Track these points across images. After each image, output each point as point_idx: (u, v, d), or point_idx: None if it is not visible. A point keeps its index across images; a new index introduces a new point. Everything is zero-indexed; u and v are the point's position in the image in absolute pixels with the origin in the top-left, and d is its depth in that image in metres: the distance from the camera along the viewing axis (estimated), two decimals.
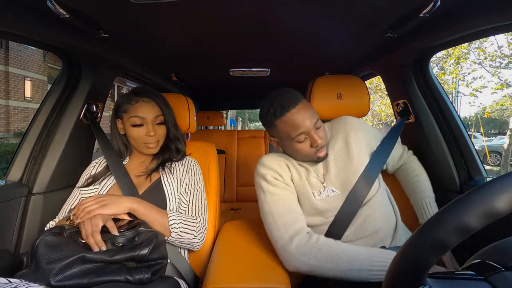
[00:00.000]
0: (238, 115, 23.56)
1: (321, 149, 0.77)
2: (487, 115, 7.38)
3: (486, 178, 0.95)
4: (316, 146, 0.75)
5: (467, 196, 0.31)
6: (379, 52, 1.08)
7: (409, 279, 0.33)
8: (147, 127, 0.87)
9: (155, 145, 0.89)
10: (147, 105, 0.87)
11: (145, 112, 0.86)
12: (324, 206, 0.78)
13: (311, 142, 0.76)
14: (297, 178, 0.81)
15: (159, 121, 0.89)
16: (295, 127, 0.74)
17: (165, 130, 0.93)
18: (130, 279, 0.63)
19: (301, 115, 0.73)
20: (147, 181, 0.88)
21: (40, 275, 0.59)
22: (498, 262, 0.37)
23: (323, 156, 0.79)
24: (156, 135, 0.88)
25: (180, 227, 0.79)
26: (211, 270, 0.70)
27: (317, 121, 0.76)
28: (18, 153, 0.94)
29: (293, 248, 0.69)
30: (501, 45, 12.53)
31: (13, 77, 7.22)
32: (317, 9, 0.75)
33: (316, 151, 0.77)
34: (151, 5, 0.70)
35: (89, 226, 0.66)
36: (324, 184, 0.81)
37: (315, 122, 0.75)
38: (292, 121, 0.74)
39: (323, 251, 0.67)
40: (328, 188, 0.80)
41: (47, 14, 0.71)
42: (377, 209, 0.78)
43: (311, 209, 0.79)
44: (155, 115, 0.88)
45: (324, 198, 0.79)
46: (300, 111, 0.74)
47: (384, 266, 0.60)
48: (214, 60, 1.28)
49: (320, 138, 0.75)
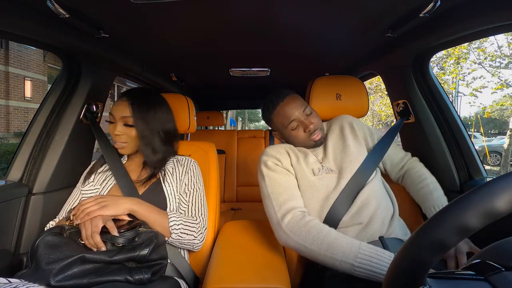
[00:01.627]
0: (238, 115, 23.55)
1: (314, 132, 0.86)
2: (487, 115, 7.38)
3: (486, 178, 0.95)
4: (308, 131, 0.86)
5: (467, 196, 0.31)
6: (379, 52, 1.08)
7: (409, 279, 0.33)
8: (114, 125, 0.87)
9: (122, 145, 0.87)
10: (120, 105, 0.86)
11: (116, 111, 0.86)
12: (321, 183, 0.82)
13: (304, 128, 0.86)
14: (295, 161, 0.87)
15: (126, 122, 0.86)
16: (285, 116, 0.87)
17: (135, 133, 0.87)
18: (130, 279, 0.63)
19: (289, 106, 0.86)
20: (147, 182, 0.88)
21: (40, 275, 0.59)
22: (498, 262, 0.37)
23: (319, 139, 0.87)
24: (122, 135, 0.86)
25: (181, 228, 0.79)
26: (211, 270, 0.70)
27: (306, 108, 0.87)
28: (18, 153, 0.94)
29: (284, 225, 0.71)
30: (501, 45, 12.54)
31: (13, 77, 7.22)
32: (317, 9, 0.75)
33: (309, 135, 0.87)
34: (151, 5, 0.70)
35: (89, 226, 0.66)
36: (322, 164, 0.87)
37: (304, 109, 0.86)
38: (283, 112, 0.87)
39: (312, 234, 0.67)
40: (326, 167, 0.86)
41: (47, 14, 0.71)
42: (374, 197, 0.80)
43: (308, 188, 0.82)
44: (123, 115, 0.85)
45: (321, 175, 0.84)
46: (287, 103, 0.87)
47: (368, 265, 0.59)
48: (214, 60, 1.28)
49: (311, 123, 0.86)
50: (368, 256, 0.60)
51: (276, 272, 0.69)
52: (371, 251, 0.61)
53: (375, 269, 0.58)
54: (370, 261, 0.59)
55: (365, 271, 0.59)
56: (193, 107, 1.12)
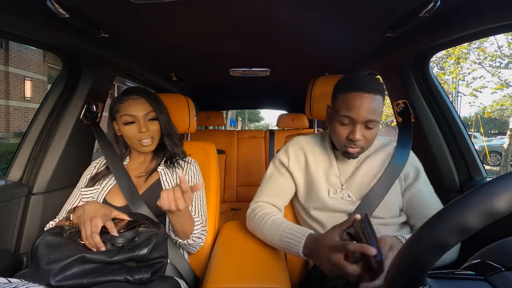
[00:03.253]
0: (238, 115, 23.55)
1: (354, 145, 0.73)
2: (487, 115, 7.38)
3: (486, 178, 0.95)
4: (350, 139, 0.73)
5: (467, 196, 0.31)
6: (379, 52, 1.08)
7: (409, 279, 0.33)
8: (138, 124, 0.86)
9: (149, 142, 0.88)
10: (136, 103, 0.87)
11: (135, 109, 0.86)
12: (334, 205, 0.79)
13: (350, 132, 0.73)
14: (314, 168, 0.84)
15: (150, 117, 0.89)
16: (348, 107, 0.71)
17: (159, 126, 0.91)
18: (130, 279, 0.63)
19: (363, 102, 0.70)
20: (147, 182, 0.88)
21: (40, 275, 0.59)
22: (498, 262, 0.37)
23: (352, 153, 0.75)
24: (149, 131, 0.87)
25: (197, 233, 0.81)
26: (211, 270, 0.70)
27: (374, 121, 0.71)
28: (18, 153, 0.93)
29: (248, 212, 0.87)
30: (501, 45, 12.53)
31: (13, 77, 7.21)
32: (317, 9, 0.75)
33: (347, 143, 0.74)
34: (151, 5, 0.70)
35: (88, 227, 0.66)
36: (343, 186, 0.81)
37: (371, 119, 0.70)
38: (351, 101, 0.71)
39: (258, 220, 0.81)
40: (346, 191, 0.80)
41: (47, 14, 0.71)
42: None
43: (318, 203, 0.81)
44: (146, 112, 0.87)
45: (337, 199, 0.80)
46: (365, 99, 0.70)
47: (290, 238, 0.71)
48: (214, 60, 1.28)
49: (360, 136, 0.72)
50: (291, 232, 0.72)
51: (276, 272, 0.69)
52: (293, 228, 0.73)
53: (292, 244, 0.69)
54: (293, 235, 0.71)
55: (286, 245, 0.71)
56: (193, 107, 1.12)
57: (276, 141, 2.28)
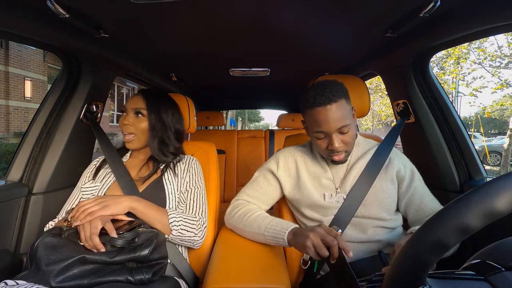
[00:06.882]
0: (238, 115, 23.55)
1: (337, 152, 0.76)
2: (487, 115, 7.39)
3: (486, 178, 0.95)
4: (331, 149, 0.75)
5: (467, 196, 0.31)
6: (379, 52, 1.08)
7: (409, 279, 0.33)
8: (125, 116, 0.90)
9: (131, 137, 0.89)
10: (134, 99, 0.92)
11: (129, 103, 0.91)
12: (329, 204, 0.82)
13: (328, 143, 0.75)
14: (305, 174, 0.86)
15: (137, 111, 0.90)
16: (317, 123, 0.74)
17: (146, 125, 0.89)
18: (131, 280, 0.63)
19: (328, 115, 0.71)
20: (148, 180, 0.88)
21: (40, 277, 0.58)
22: (498, 262, 0.37)
23: (339, 160, 0.77)
24: (132, 126, 0.89)
25: (181, 225, 0.79)
26: (211, 270, 0.70)
27: (345, 126, 0.73)
28: (18, 153, 0.93)
29: (228, 210, 0.89)
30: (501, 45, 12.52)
31: (13, 77, 7.21)
32: (317, 9, 0.75)
33: (330, 153, 0.76)
34: (151, 5, 0.70)
35: (87, 228, 0.65)
36: (338, 189, 0.83)
37: (341, 126, 0.72)
38: (316, 117, 0.73)
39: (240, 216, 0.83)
40: (340, 194, 0.82)
41: (47, 14, 0.71)
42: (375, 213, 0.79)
43: (313, 205, 0.83)
44: (135, 106, 0.90)
45: (333, 202, 0.82)
46: (328, 111, 0.71)
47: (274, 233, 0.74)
48: (214, 60, 1.28)
49: (339, 143, 0.74)
50: (275, 227, 0.74)
51: (276, 272, 0.69)
52: (277, 223, 0.76)
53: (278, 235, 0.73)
54: (277, 231, 0.74)
55: (272, 232, 0.74)
56: (193, 107, 1.12)
57: (276, 141, 2.28)
